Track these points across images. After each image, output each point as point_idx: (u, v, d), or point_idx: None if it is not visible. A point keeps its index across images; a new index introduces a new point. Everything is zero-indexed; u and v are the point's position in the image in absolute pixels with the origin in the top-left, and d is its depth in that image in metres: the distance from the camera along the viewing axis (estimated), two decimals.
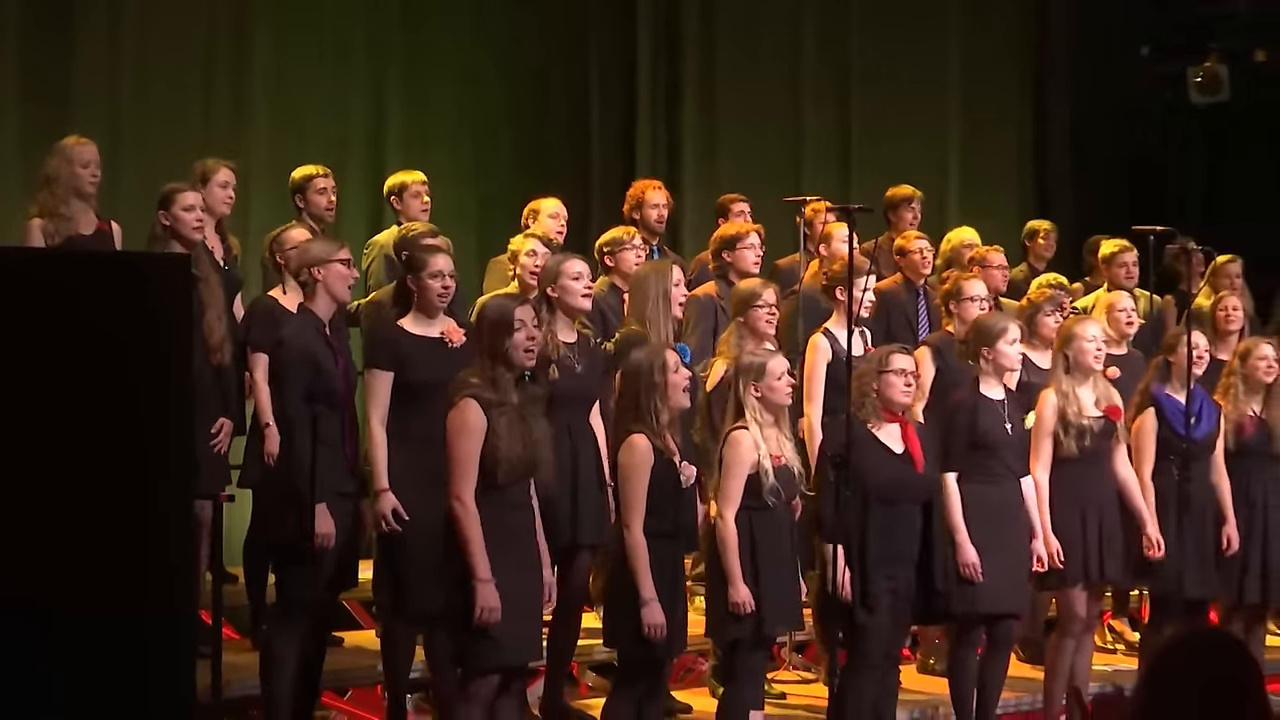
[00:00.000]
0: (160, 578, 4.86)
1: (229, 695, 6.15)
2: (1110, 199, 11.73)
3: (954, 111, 11.86)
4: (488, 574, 5.48)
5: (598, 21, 10.47)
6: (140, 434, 4.85)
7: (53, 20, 8.49)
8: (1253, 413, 7.75)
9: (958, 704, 7.15)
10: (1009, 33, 12.14)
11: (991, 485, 6.99)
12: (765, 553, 6.26)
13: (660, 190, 8.39)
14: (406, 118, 9.72)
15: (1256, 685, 3.07)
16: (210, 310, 6.59)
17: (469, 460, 5.51)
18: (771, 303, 6.99)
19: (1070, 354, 7.18)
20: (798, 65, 11.23)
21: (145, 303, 4.99)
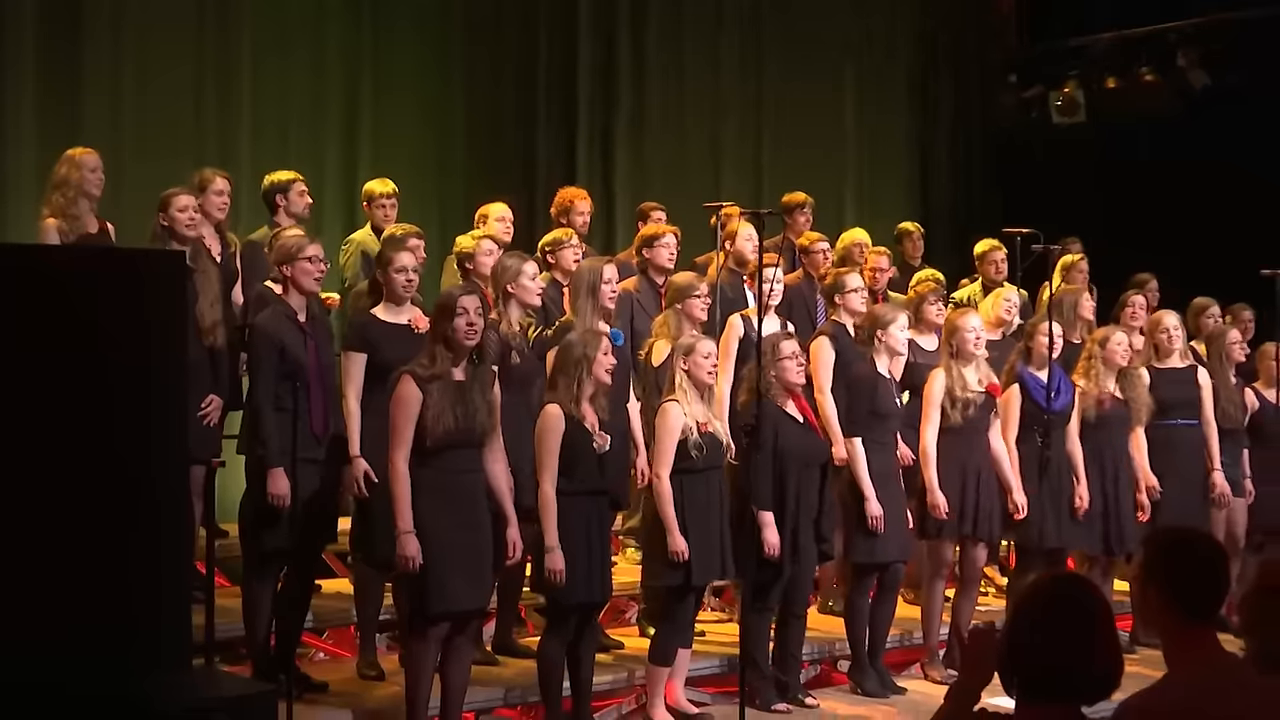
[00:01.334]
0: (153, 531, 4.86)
1: (220, 636, 6.13)
2: (985, 204, 11.79)
3: (851, 127, 11.88)
4: (409, 526, 5.51)
5: (544, 49, 10.40)
6: (139, 401, 4.84)
7: (64, 47, 8.39)
8: (1111, 390, 7.83)
9: (853, 641, 7.21)
10: (900, 60, 12.18)
11: (881, 450, 7.07)
12: (694, 511, 6.28)
13: (585, 198, 8.41)
14: (375, 129, 9.63)
15: (1105, 620, 3.11)
16: (203, 298, 6.58)
17: (402, 428, 5.53)
18: (704, 293, 7.00)
19: (955, 341, 7.26)
20: (716, 88, 11.21)
21: (146, 292, 4.98)
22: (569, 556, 5.91)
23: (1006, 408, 7.54)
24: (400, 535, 5.51)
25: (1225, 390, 8.44)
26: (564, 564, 5.87)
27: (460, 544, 5.60)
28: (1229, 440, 8.41)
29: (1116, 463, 7.88)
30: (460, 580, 5.61)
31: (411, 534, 5.51)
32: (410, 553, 5.49)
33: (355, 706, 6.23)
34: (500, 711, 6.56)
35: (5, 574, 4.56)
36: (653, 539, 6.37)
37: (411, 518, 5.52)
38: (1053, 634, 3.07)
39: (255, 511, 6.07)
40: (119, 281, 4.99)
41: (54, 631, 4.58)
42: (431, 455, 5.56)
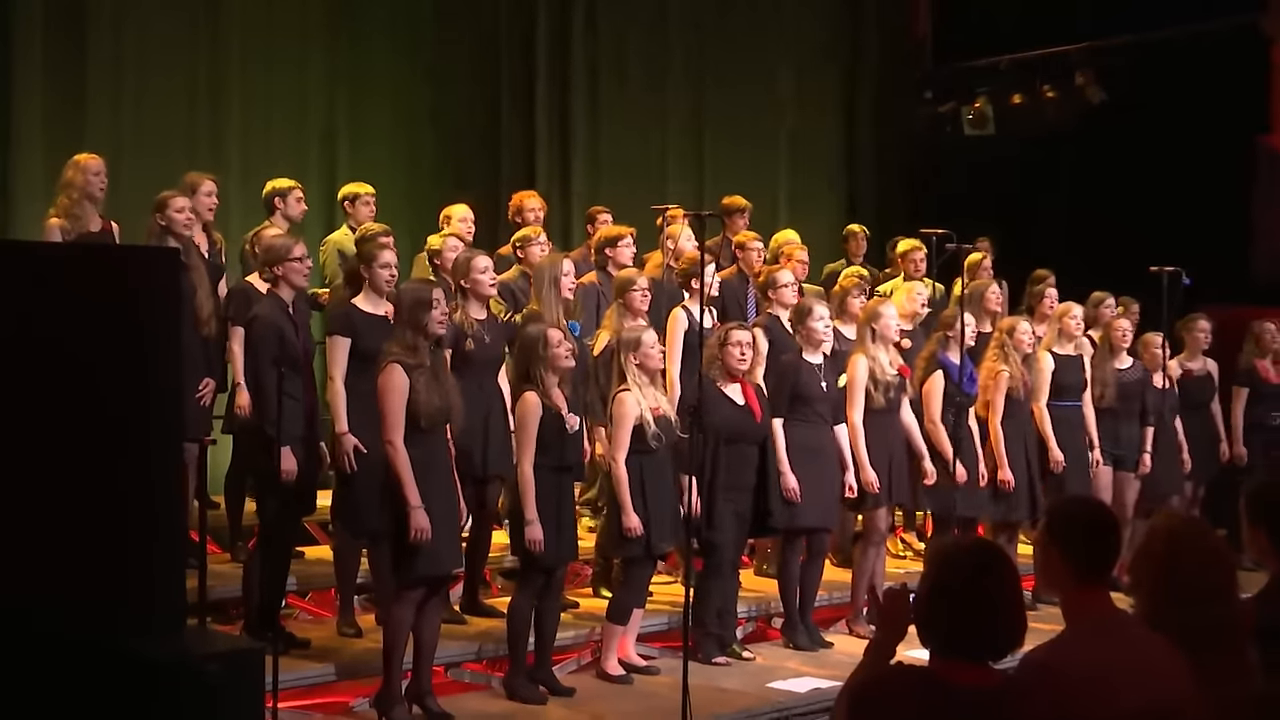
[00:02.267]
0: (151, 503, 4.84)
1: (212, 598, 6.10)
2: (905, 207, 11.83)
3: (784, 139, 11.89)
4: (418, 501, 5.49)
5: (505, 64, 10.37)
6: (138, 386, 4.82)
7: (70, 60, 8.34)
8: (1019, 374, 7.90)
9: (785, 600, 7.25)
10: (828, 77, 12.19)
11: (809, 428, 7.09)
12: (651, 487, 6.32)
13: (535, 198, 8.43)
14: (351, 138, 9.58)
15: (1011, 581, 3.14)
16: (200, 291, 6.59)
17: (397, 412, 5.51)
18: (645, 288, 7.03)
19: (875, 328, 7.30)
20: (663, 99, 11.20)
21: (143, 286, 4.96)
22: (541, 524, 5.94)
23: (929, 392, 7.61)
24: (412, 510, 5.48)
25: (1114, 375, 8.53)
26: (541, 535, 5.90)
27: (439, 513, 5.61)
28: (1118, 418, 8.50)
29: (1023, 440, 7.96)
30: (442, 546, 5.63)
31: (421, 509, 5.49)
32: (424, 524, 5.48)
33: (335, 661, 6.22)
34: (468, 665, 6.57)
35: (21, 541, 4.56)
36: (612, 515, 6.39)
37: (418, 493, 5.51)
38: (964, 594, 3.09)
39: (262, 485, 6.04)
40: (120, 275, 4.98)
41: (65, 590, 4.58)
42: (417, 435, 5.57)
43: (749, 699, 6.37)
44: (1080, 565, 3.35)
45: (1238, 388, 9.29)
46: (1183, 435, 8.88)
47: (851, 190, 12.22)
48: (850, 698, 3.12)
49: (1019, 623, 3.09)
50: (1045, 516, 3.58)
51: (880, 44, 12.50)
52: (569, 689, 6.27)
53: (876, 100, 12.43)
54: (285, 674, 5.59)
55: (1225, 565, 3.57)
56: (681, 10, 11.26)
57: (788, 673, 6.73)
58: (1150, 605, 3.53)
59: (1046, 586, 3.55)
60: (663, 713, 5.96)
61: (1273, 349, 9.34)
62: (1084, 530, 3.39)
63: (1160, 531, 3.70)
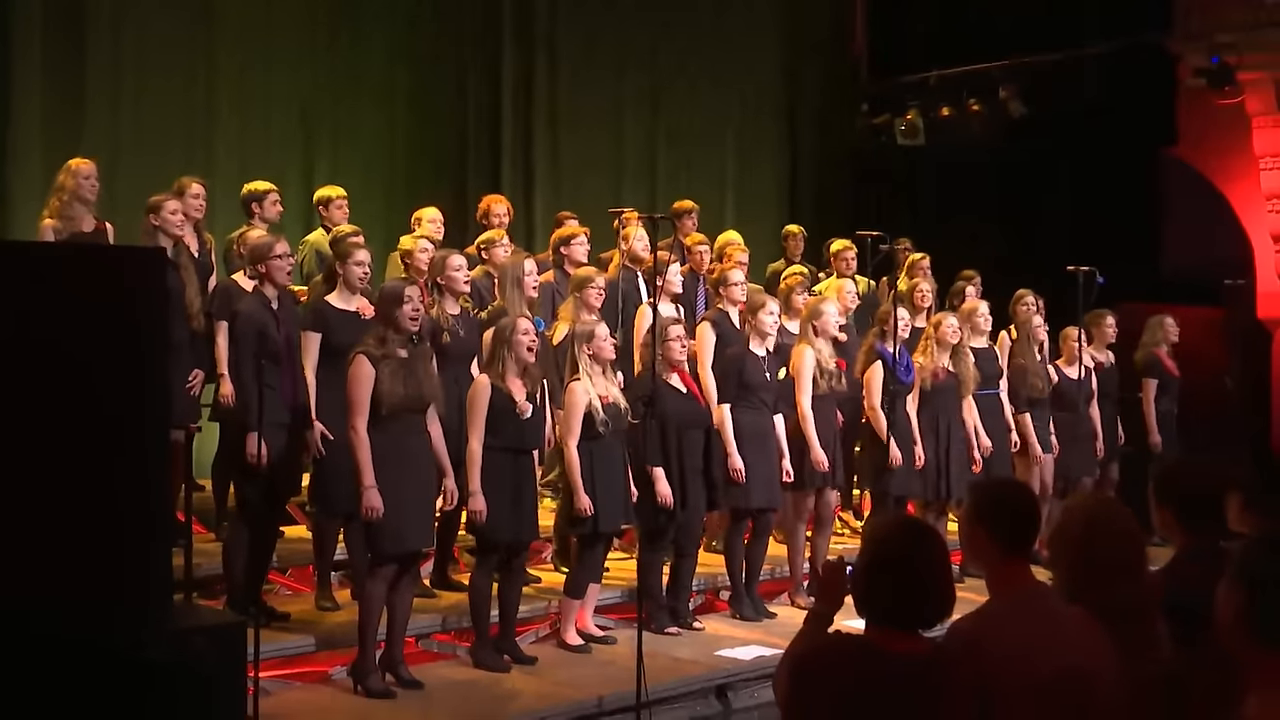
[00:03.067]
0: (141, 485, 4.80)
1: (198, 575, 6.06)
2: (841, 210, 11.86)
3: (731, 146, 11.89)
4: (372, 482, 5.49)
5: (474, 74, 10.32)
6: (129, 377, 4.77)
7: (67, 69, 8.23)
8: (944, 365, 7.93)
9: (732, 575, 7.26)
10: (772, 90, 12.20)
11: (755, 414, 7.11)
12: (601, 471, 6.29)
13: (503, 202, 8.40)
14: (330, 147, 9.52)
15: (940, 555, 3.14)
16: (189, 288, 6.55)
17: (361, 400, 5.51)
18: (600, 285, 7.01)
19: (816, 324, 7.31)
20: (620, 111, 11.19)
21: (131, 284, 4.91)
22: (495, 503, 5.92)
23: (870, 381, 7.64)
24: (365, 490, 5.48)
25: (1033, 366, 8.59)
26: (485, 505, 5.87)
27: (409, 495, 5.58)
28: (1037, 407, 8.56)
29: (949, 425, 7.99)
30: (410, 525, 5.60)
31: (375, 489, 5.48)
32: (376, 504, 5.48)
33: (314, 634, 6.19)
34: (437, 636, 6.54)
35: (19, 522, 4.51)
36: (566, 497, 6.37)
37: (373, 475, 5.48)
38: (897, 567, 3.09)
39: (232, 468, 6.01)
40: (107, 272, 4.93)
41: (60, 567, 4.53)
42: (385, 421, 5.53)
43: (699, 666, 6.39)
44: (1003, 541, 3.36)
45: (1147, 379, 9.35)
46: (1096, 422, 8.95)
47: (794, 194, 12.24)
48: (791, 664, 3.12)
49: (947, 594, 3.10)
50: (971, 496, 3.59)
51: (821, 60, 12.54)
52: (531, 658, 6.25)
53: (817, 111, 12.46)
54: (266, 645, 5.56)
55: (1136, 542, 3.58)
56: (638, 28, 11.23)
57: (735, 641, 6.74)
58: (1067, 579, 3.54)
59: (972, 561, 3.54)
60: (619, 679, 5.96)
61: (1171, 342, 9.42)
62: (1006, 509, 3.40)
63: (1076, 510, 3.71)
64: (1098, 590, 3.43)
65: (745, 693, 6.32)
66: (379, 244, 8.14)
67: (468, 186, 10.12)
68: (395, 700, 5.66)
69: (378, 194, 9.40)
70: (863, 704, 2.92)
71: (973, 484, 6.19)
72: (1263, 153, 10.82)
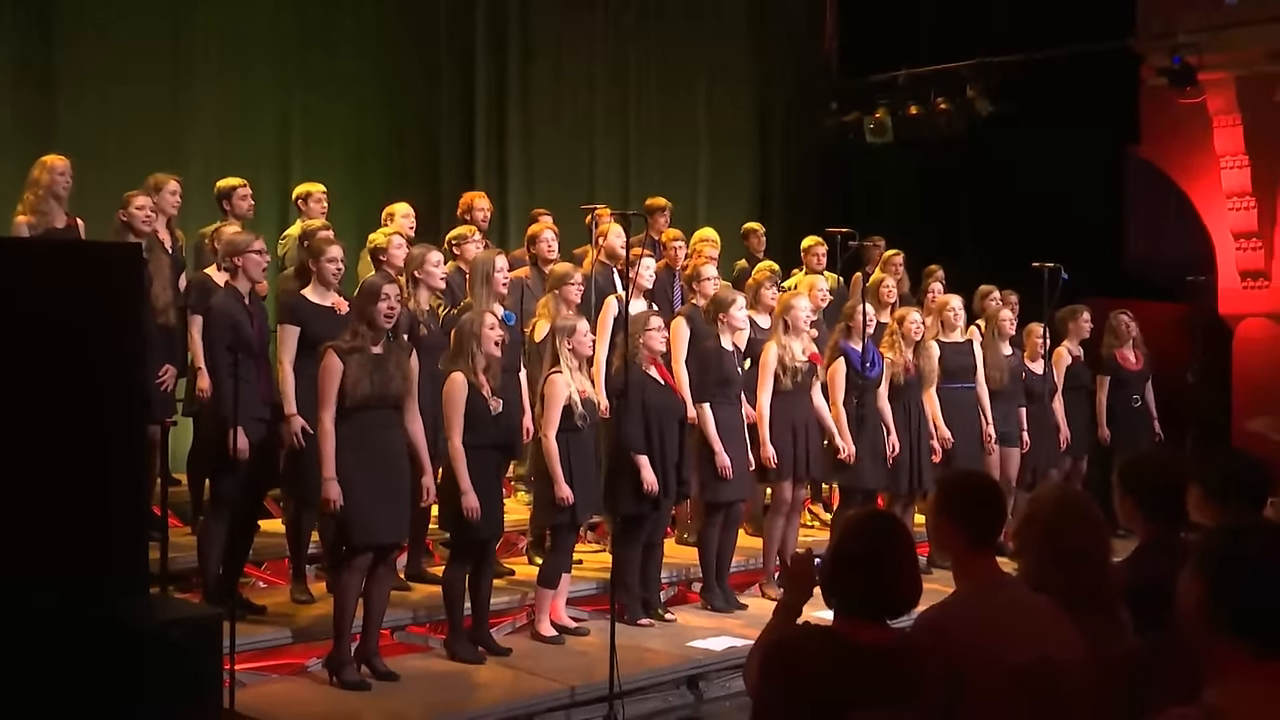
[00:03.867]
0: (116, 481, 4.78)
1: (174, 569, 6.01)
2: (812, 207, 11.88)
3: (704, 144, 11.88)
4: (331, 473, 5.50)
5: (448, 74, 10.28)
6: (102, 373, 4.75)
7: (39, 66, 8.16)
8: (908, 359, 7.97)
9: (704, 566, 7.27)
10: (744, 89, 12.21)
11: (729, 409, 7.13)
12: (576, 462, 6.31)
13: (483, 197, 8.38)
14: (304, 141, 9.46)
15: (908, 547, 3.16)
16: (157, 282, 6.51)
17: (328, 393, 5.51)
18: (579, 282, 7.01)
19: (788, 319, 7.33)
20: (592, 111, 11.16)
21: (106, 279, 4.89)
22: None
23: (833, 377, 7.66)
24: (324, 481, 5.49)
25: (1000, 360, 8.64)
26: (477, 503, 5.86)
27: (378, 487, 5.56)
28: (1006, 401, 8.61)
29: (917, 419, 8.03)
30: (379, 517, 5.58)
31: (334, 480, 5.48)
32: (333, 495, 5.48)
33: (290, 626, 6.18)
34: (412, 629, 6.53)
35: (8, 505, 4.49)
36: (543, 487, 6.37)
37: (334, 467, 5.48)
38: (865, 559, 3.11)
39: (215, 463, 5.98)
40: (85, 268, 4.90)
41: (34, 562, 4.51)
42: (352, 414, 5.52)
43: (671, 656, 6.40)
44: (969, 532, 3.38)
45: (1101, 376, 9.41)
46: (1062, 415, 9.01)
47: (765, 191, 12.25)
48: (761, 654, 3.13)
49: (915, 585, 3.11)
50: (938, 488, 3.61)
51: (791, 59, 12.55)
52: (506, 649, 6.25)
53: (788, 109, 12.48)
54: (243, 638, 5.54)
55: (1100, 532, 3.61)
56: (608, 26, 11.22)
57: (706, 632, 6.76)
58: (1033, 568, 3.56)
59: (939, 552, 3.57)
60: (592, 670, 5.97)
61: (1130, 337, 9.48)
62: (973, 501, 3.42)
63: (1042, 502, 3.73)
64: (1063, 579, 3.46)
65: (717, 683, 6.34)
66: (353, 242, 8.12)
67: (441, 185, 10.08)
68: (370, 692, 5.65)
69: (352, 192, 9.35)
70: (832, 693, 2.94)
71: (939, 477, 6.22)
72: (1223, 151, 10.90)
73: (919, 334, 8.03)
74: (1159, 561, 3.47)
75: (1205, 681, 2.38)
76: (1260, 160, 10.84)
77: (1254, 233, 11.00)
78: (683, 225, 9.23)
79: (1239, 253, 11.12)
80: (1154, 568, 3.47)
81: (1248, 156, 10.83)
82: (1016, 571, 3.58)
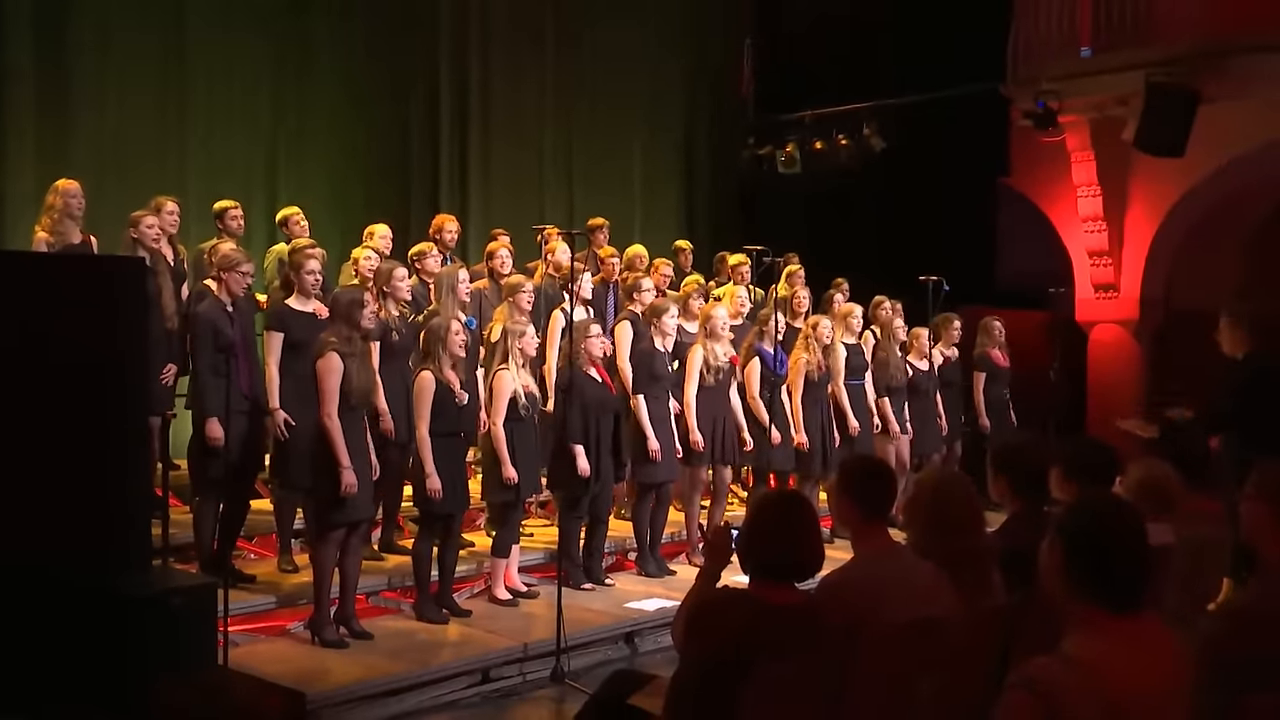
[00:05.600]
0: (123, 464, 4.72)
1: (174, 543, 5.95)
2: (733, 228, 11.93)
3: (638, 171, 11.87)
4: (348, 463, 5.42)
5: (415, 107, 10.18)
6: (112, 370, 4.69)
7: (56, 97, 8.00)
8: (820, 360, 8.02)
9: (638, 538, 7.28)
10: (672, 123, 12.19)
11: (659, 403, 7.14)
12: (520, 448, 6.28)
13: (453, 220, 8.32)
14: (290, 167, 9.33)
15: (812, 520, 3.19)
16: (164, 293, 6.45)
17: (333, 392, 5.43)
18: (530, 291, 6.98)
19: (709, 326, 7.35)
20: (540, 139, 11.11)
21: (114, 289, 4.84)
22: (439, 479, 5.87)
23: (749, 375, 7.69)
24: (343, 470, 5.41)
25: (892, 360, 8.72)
26: (440, 485, 5.84)
27: (358, 471, 5.52)
28: (894, 394, 8.69)
29: (826, 412, 8.09)
30: (355, 498, 5.54)
31: (351, 469, 5.42)
32: (353, 481, 5.43)
33: (276, 593, 6.12)
34: (385, 594, 6.48)
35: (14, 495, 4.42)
36: (490, 468, 6.35)
37: (349, 456, 5.42)
38: (777, 531, 3.14)
39: (201, 450, 5.91)
40: (96, 280, 4.84)
41: (51, 535, 4.45)
42: (348, 409, 5.48)
43: (610, 617, 6.40)
44: (865, 507, 3.42)
45: (977, 372, 9.53)
46: (941, 407, 9.11)
47: (691, 213, 12.26)
48: (687, 614, 3.15)
49: (818, 552, 3.15)
50: (839, 470, 3.64)
51: (715, 100, 12.56)
52: (467, 611, 6.22)
53: (711, 142, 12.50)
54: (235, 604, 5.50)
55: (975, 506, 3.67)
56: (557, 68, 11.16)
57: (640, 595, 6.76)
58: (919, 538, 3.61)
59: (840, 524, 3.60)
60: (541, 629, 5.96)
61: (999, 340, 9.61)
62: (868, 481, 3.47)
63: (926, 481, 3.79)
64: (944, 547, 3.51)
65: (650, 638, 6.35)
66: (335, 255, 8.05)
67: (411, 204, 10.01)
68: (348, 649, 5.60)
69: (334, 210, 9.26)
70: (746, 647, 2.96)
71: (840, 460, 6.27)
72: (1080, 182, 11.09)
73: (829, 338, 8.10)
74: (1025, 531, 3.53)
75: (1063, 634, 2.43)
76: (1110, 190, 11.04)
77: (1105, 251, 11.21)
78: (620, 242, 9.23)
79: (1093, 268, 11.33)
80: (1021, 537, 3.52)
81: (1100, 187, 11.02)
82: (905, 540, 3.64)
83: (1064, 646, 2.38)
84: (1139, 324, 11.25)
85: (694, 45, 12.27)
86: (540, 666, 5.79)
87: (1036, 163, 11.29)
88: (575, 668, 5.81)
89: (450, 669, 5.58)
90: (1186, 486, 4.22)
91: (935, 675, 3.25)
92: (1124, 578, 2.40)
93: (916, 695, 3.23)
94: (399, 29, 9.95)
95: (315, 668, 5.37)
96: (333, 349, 5.48)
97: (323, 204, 8.94)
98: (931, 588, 3.34)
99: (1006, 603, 3.49)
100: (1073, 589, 2.42)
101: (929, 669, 3.23)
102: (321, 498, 5.51)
